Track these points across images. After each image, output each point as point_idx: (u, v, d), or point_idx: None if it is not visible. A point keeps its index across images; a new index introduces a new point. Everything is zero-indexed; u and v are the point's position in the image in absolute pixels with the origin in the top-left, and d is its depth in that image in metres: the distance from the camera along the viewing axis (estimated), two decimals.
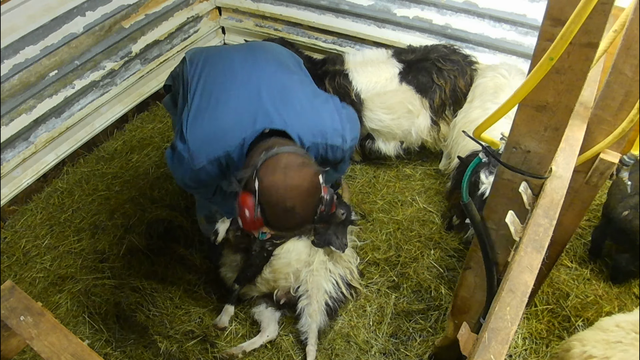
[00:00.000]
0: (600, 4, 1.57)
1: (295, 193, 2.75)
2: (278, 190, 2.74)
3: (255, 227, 2.86)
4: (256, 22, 6.87)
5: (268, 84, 3.36)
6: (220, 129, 3.19)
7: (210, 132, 3.20)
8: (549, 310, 4.41)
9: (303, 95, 3.45)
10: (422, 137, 5.36)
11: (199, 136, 3.20)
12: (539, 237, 2.08)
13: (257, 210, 2.78)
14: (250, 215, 2.79)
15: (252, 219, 2.80)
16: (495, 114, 2.04)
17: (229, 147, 3.16)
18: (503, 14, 5.20)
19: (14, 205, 5.40)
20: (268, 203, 2.77)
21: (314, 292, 4.26)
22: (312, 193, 2.82)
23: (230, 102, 3.28)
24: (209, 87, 3.41)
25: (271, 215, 2.80)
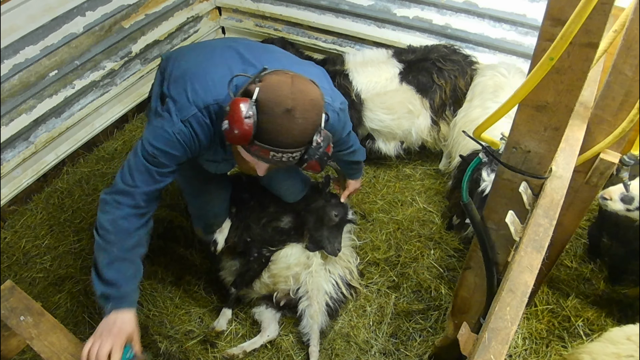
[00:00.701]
0: (600, 4, 1.57)
1: (300, 97, 2.59)
2: (282, 89, 2.59)
3: (244, 131, 2.58)
4: (256, 22, 6.87)
5: (247, 47, 3.24)
6: (208, 80, 2.98)
7: (196, 85, 2.98)
8: (549, 310, 4.41)
9: (286, 56, 3.39)
10: (422, 137, 5.36)
11: (184, 90, 2.98)
12: (539, 237, 2.08)
13: (251, 109, 2.57)
14: (240, 116, 2.56)
15: (241, 119, 2.55)
16: (496, 113, 2.04)
17: (219, 95, 2.92)
18: (503, 14, 5.20)
19: (14, 205, 5.40)
20: (267, 102, 2.58)
21: (314, 293, 4.25)
22: (315, 106, 2.68)
23: (215, 59, 3.13)
24: (185, 60, 3.25)
25: (267, 117, 2.58)
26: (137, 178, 2.95)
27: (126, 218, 2.96)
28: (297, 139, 2.65)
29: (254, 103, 2.57)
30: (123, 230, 2.96)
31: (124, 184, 2.95)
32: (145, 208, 3.04)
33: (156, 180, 3.00)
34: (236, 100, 2.58)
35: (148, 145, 2.92)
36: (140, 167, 2.95)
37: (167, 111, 2.94)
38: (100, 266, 2.93)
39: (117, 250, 2.94)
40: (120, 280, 2.95)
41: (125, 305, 2.95)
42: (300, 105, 2.58)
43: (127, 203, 2.95)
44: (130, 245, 3.00)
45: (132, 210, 2.97)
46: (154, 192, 3.03)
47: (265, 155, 2.69)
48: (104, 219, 2.94)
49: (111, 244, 2.93)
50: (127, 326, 2.95)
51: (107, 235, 2.92)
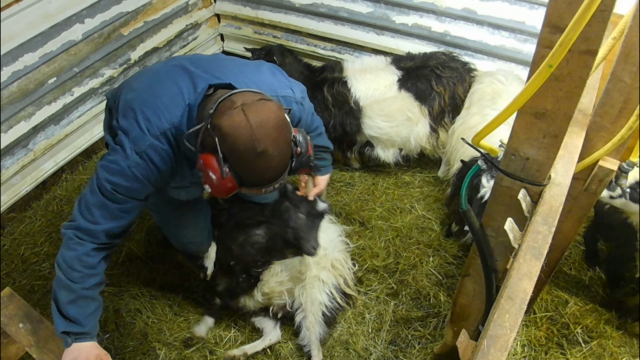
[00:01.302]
0: (599, 11, 1.57)
1: (262, 132, 2.43)
2: (242, 133, 2.41)
3: (228, 189, 2.53)
4: (255, 29, 6.87)
5: (192, 61, 3.09)
6: (158, 104, 2.83)
7: (147, 112, 2.82)
8: (547, 317, 4.41)
9: (233, 62, 3.26)
10: (421, 145, 5.36)
11: (135, 120, 2.82)
12: (537, 244, 2.08)
13: (224, 168, 2.47)
14: (217, 176, 2.48)
15: (221, 180, 2.48)
16: (494, 121, 2.04)
17: (174, 117, 2.80)
18: (502, 21, 5.21)
19: (13, 213, 5.40)
20: (234, 152, 2.45)
21: (308, 305, 4.22)
22: (281, 129, 2.52)
23: (161, 81, 2.97)
24: (131, 90, 3.07)
25: (242, 167, 2.48)
26: (96, 214, 2.86)
27: (89, 255, 2.91)
28: (279, 168, 2.59)
29: (222, 158, 2.47)
30: (87, 267, 2.91)
31: (84, 220, 2.86)
32: (109, 244, 2.98)
33: (118, 216, 2.90)
34: (205, 161, 2.50)
35: (104, 181, 2.82)
36: (98, 204, 2.85)
37: (120, 145, 2.81)
38: (61, 303, 2.90)
39: (79, 289, 2.91)
40: (82, 319, 2.94)
41: (87, 339, 2.96)
42: (267, 141, 2.45)
43: (89, 240, 2.88)
44: (93, 284, 2.97)
45: (95, 246, 2.91)
46: (117, 229, 2.95)
47: (257, 192, 2.65)
48: (68, 255, 2.88)
49: (74, 281, 2.89)
50: (94, 350, 2.98)
51: (70, 272, 2.88)
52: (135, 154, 2.76)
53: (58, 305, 2.90)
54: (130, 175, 2.79)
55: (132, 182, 2.82)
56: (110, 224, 2.89)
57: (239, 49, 7.10)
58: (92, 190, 2.85)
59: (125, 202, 2.87)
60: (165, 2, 6.17)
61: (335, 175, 5.78)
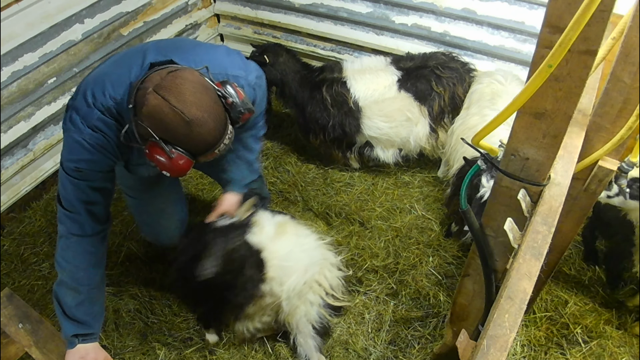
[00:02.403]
0: (599, 11, 1.57)
1: (182, 103, 2.47)
2: (165, 113, 2.47)
3: (184, 166, 2.59)
4: (255, 29, 6.88)
5: (156, 46, 3.06)
6: (105, 83, 2.86)
7: (95, 89, 2.86)
8: (547, 317, 4.41)
9: (191, 43, 3.29)
10: (420, 145, 5.36)
11: (84, 98, 2.87)
12: (537, 245, 2.08)
13: (168, 149, 2.53)
14: (166, 159, 2.55)
15: (171, 161, 2.55)
16: (494, 121, 2.04)
17: (117, 94, 2.81)
18: (501, 21, 5.21)
19: (13, 213, 5.40)
20: (169, 132, 2.51)
21: (295, 327, 4.09)
22: (201, 91, 2.55)
23: (118, 62, 3.00)
24: (94, 70, 3.12)
25: (183, 141, 2.53)
26: (73, 202, 2.91)
27: (88, 249, 2.97)
28: (218, 126, 2.62)
29: (162, 142, 2.54)
30: (91, 262, 2.99)
31: (67, 212, 2.92)
32: (100, 230, 3.03)
33: (92, 196, 2.93)
34: (150, 150, 2.57)
35: (67, 162, 2.88)
36: (70, 189, 2.90)
37: (72, 122, 2.86)
38: (68, 306, 2.94)
39: (87, 290, 2.96)
40: (91, 319, 2.99)
41: (93, 340, 3.01)
42: (191, 108, 2.49)
43: (81, 234, 2.94)
44: (99, 280, 3.06)
45: (89, 239, 2.96)
46: (98, 209, 2.98)
47: (213, 155, 2.69)
48: (69, 255, 2.95)
49: (80, 282, 2.94)
50: (101, 352, 3.02)
51: (75, 272, 2.93)
52: (87, 127, 2.82)
53: (64, 309, 2.93)
54: (87, 147, 2.84)
55: (91, 154, 2.86)
56: (89, 206, 2.93)
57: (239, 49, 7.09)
58: (61, 182, 2.92)
59: (92, 177, 2.91)
60: (164, 2, 6.17)
61: (335, 175, 5.79)
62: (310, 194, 5.55)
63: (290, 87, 5.40)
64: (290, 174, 5.81)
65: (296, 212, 5.38)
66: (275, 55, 5.40)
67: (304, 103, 5.40)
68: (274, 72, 5.36)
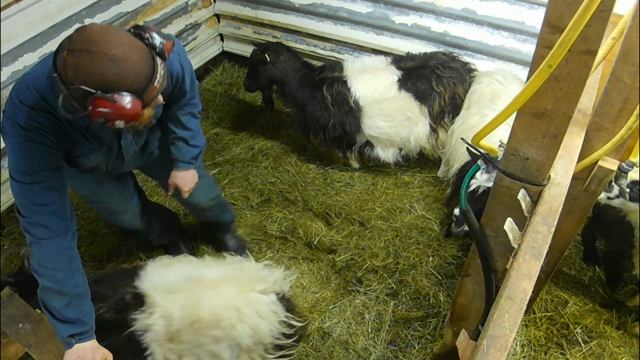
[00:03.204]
0: (599, 11, 1.57)
1: (96, 46, 2.40)
2: (86, 64, 2.39)
3: (134, 110, 2.49)
4: (255, 29, 6.87)
5: None
6: (28, 80, 2.80)
7: (19, 89, 2.80)
8: (547, 317, 4.41)
9: None
10: (420, 145, 5.35)
11: (11, 100, 2.81)
12: (537, 244, 2.08)
13: (110, 98, 2.43)
14: (114, 108, 2.44)
15: (119, 108, 2.45)
16: (494, 121, 2.04)
17: (39, 85, 2.75)
18: (501, 21, 5.21)
19: (13, 213, 5.38)
20: (101, 81, 2.41)
21: None
22: (109, 30, 2.48)
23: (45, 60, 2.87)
24: None
25: (119, 83, 2.43)
26: (32, 207, 2.87)
27: (61, 249, 2.92)
28: (146, 57, 2.54)
29: (100, 94, 2.43)
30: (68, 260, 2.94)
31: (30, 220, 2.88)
32: (66, 227, 2.97)
33: (48, 196, 2.89)
34: (94, 108, 2.45)
35: (14, 170, 2.84)
36: (25, 195, 2.88)
37: (7, 129, 2.80)
38: (56, 310, 2.90)
39: (70, 289, 2.92)
40: (83, 317, 2.96)
41: (90, 338, 2.98)
42: (106, 46, 2.41)
43: (47, 236, 2.89)
44: (80, 278, 2.99)
45: (59, 238, 2.92)
46: (58, 208, 2.93)
47: (153, 93, 2.61)
48: (44, 258, 2.89)
49: (62, 283, 2.90)
50: (99, 350, 2.99)
51: (55, 274, 2.88)
52: (21, 128, 2.76)
53: (53, 313, 2.90)
54: (29, 146, 2.79)
55: (35, 152, 2.81)
56: (50, 207, 2.89)
57: (239, 49, 7.12)
58: (15, 192, 2.90)
59: (43, 178, 2.87)
60: (164, 2, 6.17)
61: (335, 175, 5.78)
62: (310, 194, 5.55)
63: (291, 85, 5.40)
64: (290, 174, 5.80)
65: (296, 212, 5.38)
66: (276, 53, 5.40)
67: (304, 102, 5.40)
68: (275, 70, 5.37)
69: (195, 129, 3.78)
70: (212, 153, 6.11)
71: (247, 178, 5.77)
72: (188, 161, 3.86)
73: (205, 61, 7.22)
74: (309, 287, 4.76)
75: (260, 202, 5.53)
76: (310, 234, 5.13)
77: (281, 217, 5.34)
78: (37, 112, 2.77)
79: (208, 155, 6.06)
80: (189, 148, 3.82)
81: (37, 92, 2.76)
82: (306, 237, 5.12)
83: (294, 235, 5.16)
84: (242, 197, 5.57)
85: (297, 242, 5.12)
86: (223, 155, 6.09)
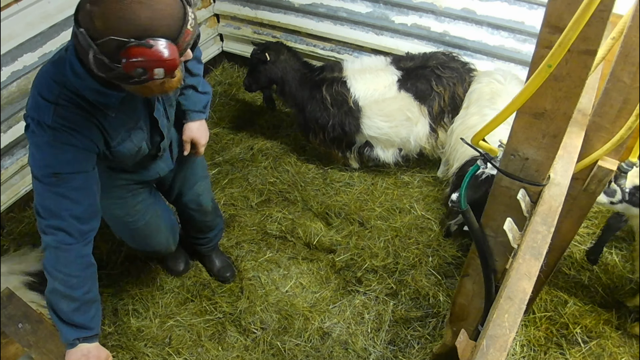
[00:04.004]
0: (599, 11, 1.57)
1: None
2: (111, 7, 2.21)
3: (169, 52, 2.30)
4: (254, 29, 6.87)
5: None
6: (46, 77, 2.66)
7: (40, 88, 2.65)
8: (547, 317, 4.41)
9: None
10: (420, 145, 5.35)
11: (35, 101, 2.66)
12: (537, 245, 2.08)
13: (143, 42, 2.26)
14: (148, 54, 2.26)
15: (153, 53, 2.27)
16: (494, 121, 2.04)
17: (61, 76, 2.61)
18: (501, 21, 5.21)
19: (13, 213, 5.39)
20: (131, 23, 2.24)
21: None
22: None
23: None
24: None
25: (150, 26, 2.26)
26: (54, 209, 2.72)
27: (79, 255, 2.83)
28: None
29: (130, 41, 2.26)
30: (84, 267, 2.85)
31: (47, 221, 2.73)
32: (87, 233, 2.85)
33: (72, 198, 2.75)
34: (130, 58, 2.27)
35: (40, 169, 2.69)
36: (49, 197, 2.71)
37: (33, 129, 2.66)
38: (64, 313, 2.83)
39: (81, 295, 2.85)
40: (89, 322, 2.90)
41: (94, 340, 2.93)
42: None
43: (67, 242, 2.77)
44: (92, 283, 2.92)
45: (77, 244, 2.80)
46: (82, 212, 2.80)
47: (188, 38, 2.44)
48: (60, 262, 2.78)
49: (74, 288, 2.82)
50: (103, 352, 2.94)
51: (68, 279, 2.79)
52: (48, 127, 2.61)
53: (60, 316, 2.82)
54: (57, 147, 2.66)
55: (63, 152, 2.68)
56: (72, 209, 2.76)
57: (239, 49, 7.12)
58: (38, 193, 2.74)
59: (70, 179, 2.73)
60: None
61: (334, 175, 5.79)
62: (310, 194, 5.55)
63: (291, 85, 5.40)
64: (290, 173, 5.81)
65: (296, 212, 5.38)
66: (277, 53, 5.40)
67: (303, 102, 5.40)
68: (275, 69, 5.37)
69: (201, 75, 3.61)
70: (212, 153, 6.11)
71: (246, 178, 5.78)
72: (200, 110, 3.64)
73: (205, 61, 7.20)
74: (309, 287, 4.77)
75: (260, 202, 5.53)
76: (309, 234, 5.13)
77: (281, 217, 5.35)
78: (63, 108, 2.63)
79: (207, 155, 6.06)
80: (199, 95, 3.61)
81: (58, 84, 2.62)
82: (306, 237, 5.12)
83: (294, 235, 5.16)
84: (241, 197, 5.57)
85: (297, 242, 5.12)
86: (223, 155, 6.09)
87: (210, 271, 4.84)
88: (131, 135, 3.02)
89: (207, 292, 4.74)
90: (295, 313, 4.54)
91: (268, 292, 4.72)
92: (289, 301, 4.65)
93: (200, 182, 4.12)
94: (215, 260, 4.85)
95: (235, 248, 5.09)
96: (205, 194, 4.19)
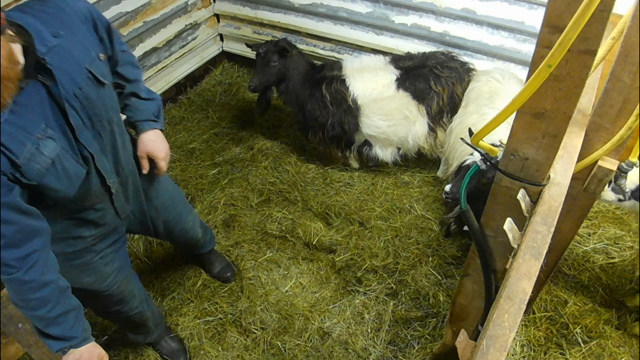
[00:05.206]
0: (599, 11, 1.57)
1: None
2: None
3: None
4: (254, 29, 6.88)
5: None
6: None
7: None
8: (547, 317, 4.40)
9: None
10: (419, 144, 5.35)
11: None
12: (537, 244, 2.07)
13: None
14: None
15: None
16: (493, 121, 2.04)
17: None
18: (501, 21, 5.21)
19: None
20: None
21: None
22: None
23: None
24: None
25: None
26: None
27: (24, 284, 2.59)
28: None
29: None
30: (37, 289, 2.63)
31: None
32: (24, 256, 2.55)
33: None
34: None
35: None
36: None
37: None
38: (39, 330, 2.74)
39: (45, 314, 2.68)
40: (68, 332, 2.78)
41: (84, 344, 2.84)
42: None
43: (8, 272, 2.54)
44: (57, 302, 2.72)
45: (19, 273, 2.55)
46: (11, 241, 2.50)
47: None
48: (12, 292, 2.62)
49: (36, 309, 2.66)
50: (95, 349, 2.88)
51: (26, 304, 2.64)
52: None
53: (41, 331, 2.73)
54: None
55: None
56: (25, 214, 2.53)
57: (239, 49, 7.12)
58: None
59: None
60: (164, 2, 6.17)
61: (334, 175, 5.79)
62: (310, 194, 5.55)
63: (295, 82, 5.39)
64: (289, 173, 5.81)
65: (295, 212, 5.38)
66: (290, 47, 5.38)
67: (304, 100, 5.40)
68: (289, 64, 5.35)
69: (140, 79, 3.23)
70: (212, 153, 6.11)
71: (246, 178, 5.78)
72: (149, 118, 3.26)
73: (204, 61, 7.22)
74: (309, 287, 4.77)
75: (260, 202, 5.53)
76: (309, 234, 5.13)
77: (281, 217, 5.35)
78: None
79: (208, 155, 6.07)
80: (145, 102, 3.25)
81: None
82: (306, 237, 5.12)
83: (294, 235, 5.16)
84: (241, 197, 5.57)
85: (297, 242, 5.12)
86: (222, 155, 6.09)
87: (211, 273, 4.84)
88: (40, 146, 2.52)
89: (207, 292, 4.74)
90: (295, 313, 4.54)
91: (268, 292, 4.72)
92: (289, 301, 4.65)
93: (185, 217, 3.95)
94: (215, 262, 4.85)
95: (235, 248, 5.09)
96: (194, 228, 4.09)
